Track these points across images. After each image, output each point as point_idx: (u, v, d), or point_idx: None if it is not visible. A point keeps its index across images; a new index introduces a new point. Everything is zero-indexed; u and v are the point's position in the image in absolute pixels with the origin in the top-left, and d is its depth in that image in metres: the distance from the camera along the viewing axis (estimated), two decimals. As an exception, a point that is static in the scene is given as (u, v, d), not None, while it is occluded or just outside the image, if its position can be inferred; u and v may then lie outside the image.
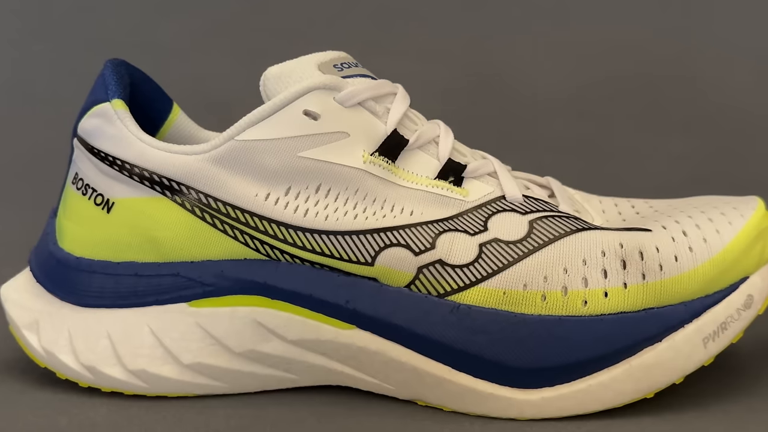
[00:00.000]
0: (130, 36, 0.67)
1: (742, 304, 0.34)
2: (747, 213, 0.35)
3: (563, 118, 0.66)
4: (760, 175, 0.63)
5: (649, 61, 0.68)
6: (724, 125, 0.66)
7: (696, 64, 0.67)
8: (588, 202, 0.38)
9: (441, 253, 0.33)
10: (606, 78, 0.67)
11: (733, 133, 0.65)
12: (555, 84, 0.67)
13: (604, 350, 0.32)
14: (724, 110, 0.66)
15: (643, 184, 0.62)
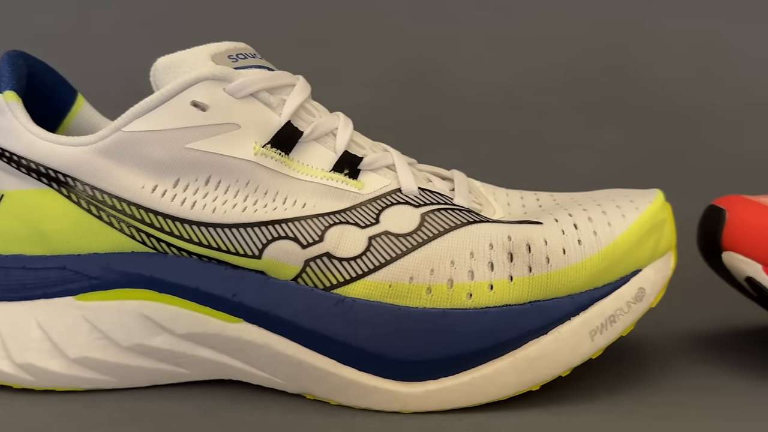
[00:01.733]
0: (57, 27, 0.66)
1: (632, 297, 0.34)
2: (642, 206, 0.35)
3: (499, 111, 0.67)
4: (692, 168, 0.63)
5: (585, 54, 0.68)
6: (659, 118, 0.66)
7: (632, 57, 0.68)
8: (494, 194, 0.38)
9: (329, 246, 0.33)
10: (542, 70, 0.67)
11: (667, 126, 0.66)
12: (491, 76, 0.67)
13: (488, 343, 0.32)
14: (660, 103, 0.67)
15: (577, 177, 0.62)
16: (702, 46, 0.67)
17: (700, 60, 0.67)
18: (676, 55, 0.67)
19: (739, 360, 0.37)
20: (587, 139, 0.65)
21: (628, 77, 0.67)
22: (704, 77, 0.67)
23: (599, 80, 0.67)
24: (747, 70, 0.67)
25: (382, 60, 0.66)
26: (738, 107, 0.66)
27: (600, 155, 0.63)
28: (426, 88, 0.66)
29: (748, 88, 0.66)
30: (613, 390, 0.34)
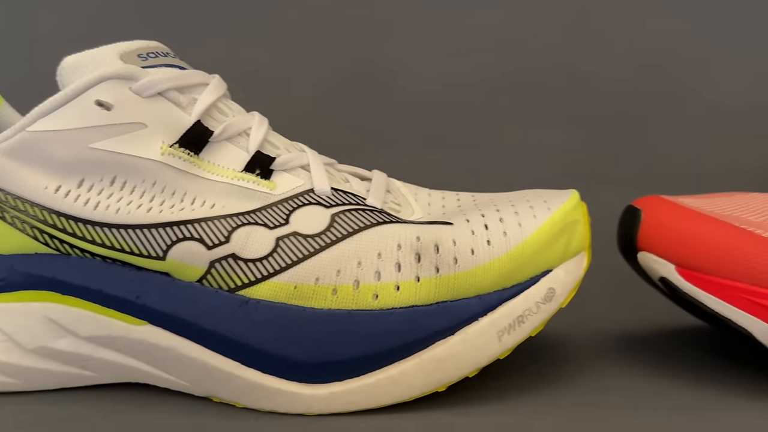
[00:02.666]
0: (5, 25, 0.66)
1: (542, 298, 0.34)
2: (554, 206, 0.35)
3: (442, 111, 0.66)
4: (632, 168, 0.64)
5: (529, 55, 0.68)
6: (601, 119, 0.66)
7: (576, 58, 0.68)
8: (416, 195, 0.38)
9: (235, 247, 0.32)
10: (486, 71, 0.67)
11: (609, 126, 0.66)
12: (435, 76, 0.67)
13: (393, 344, 0.32)
14: (602, 104, 0.67)
15: (520, 177, 0.62)
16: (644, 47, 0.68)
17: (641, 61, 0.67)
18: (619, 56, 0.67)
19: (658, 360, 0.37)
20: (530, 139, 0.65)
21: (572, 78, 0.67)
22: (646, 78, 0.67)
23: (543, 81, 0.67)
24: (687, 71, 0.67)
25: (325, 59, 0.66)
26: (678, 108, 0.66)
27: (543, 155, 0.64)
28: (369, 89, 0.66)
29: (688, 90, 0.67)
30: (525, 390, 0.34)
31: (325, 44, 0.67)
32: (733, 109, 0.65)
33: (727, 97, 0.66)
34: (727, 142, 0.63)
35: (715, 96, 0.66)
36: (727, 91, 0.66)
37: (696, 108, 0.66)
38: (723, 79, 0.66)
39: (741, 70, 0.66)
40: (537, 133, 0.65)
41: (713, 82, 0.66)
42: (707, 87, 0.66)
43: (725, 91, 0.66)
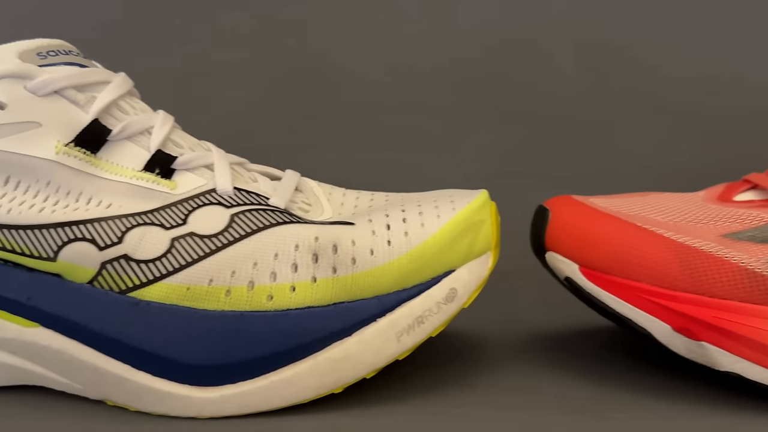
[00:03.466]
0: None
1: (443, 298, 0.33)
2: (459, 206, 0.35)
3: (381, 109, 0.66)
4: (571, 167, 0.64)
5: (470, 53, 0.68)
6: (541, 118, 0.66)
7: (517, 57, 0.68)
8: (330, 195, 0.38)
9: (128, 248, 0.32)
10: (426, 69, 0.67)
11: (549, 126, 0.66)
12: (375, 74, 0.67)
13: (287, 345, 0.31)
14: (543, 103, 0.67)
15: (459, 177, 0.62)
16: (586, 46, 0.68)
17: (583, 60, 0.68)
18: (555, 55, 0.67)
19: (567, 360, 0.37)
20: (466, 139, 0.65)
21: (508, 77, 0.67)
22: (587, 77, 0.67)
23: (479, 80, 0.67)
24: (622, 71, 0.67)
25: (265, 57, 0.65)
26: (619, 108, 0.66)
27: (478, 154, 0.63)
28: (309, 87, 0.66)
29: (630, 89, 0.67)
30: (427, 391, 0.34)
31: (264, 41, 0.66)
32: (667, 109, 0.65)
33: (661, 96, 0.66)
34: (659, 142, 0.64)
35: (649, 96, 0.66)
36: (661, 91, 0.66)
37: (630, 108, 0.66)
38: (657, 79, 0.66)
39: (674, 69, 0.66)
40: (473, 132, 0.65)
41: (648, 82, 0.66)
42: (642, 87, 0.66)
43: (659, 91, 0.66)
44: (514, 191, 0.60)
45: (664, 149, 0.64)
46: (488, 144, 0.65)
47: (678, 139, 0.64)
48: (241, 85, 0.66)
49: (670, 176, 0.62)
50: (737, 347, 0.32)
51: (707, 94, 0.65)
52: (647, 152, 0.63)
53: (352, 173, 0.64)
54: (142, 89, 0.40)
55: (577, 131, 0.66)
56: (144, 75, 0.63)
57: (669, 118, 0.65)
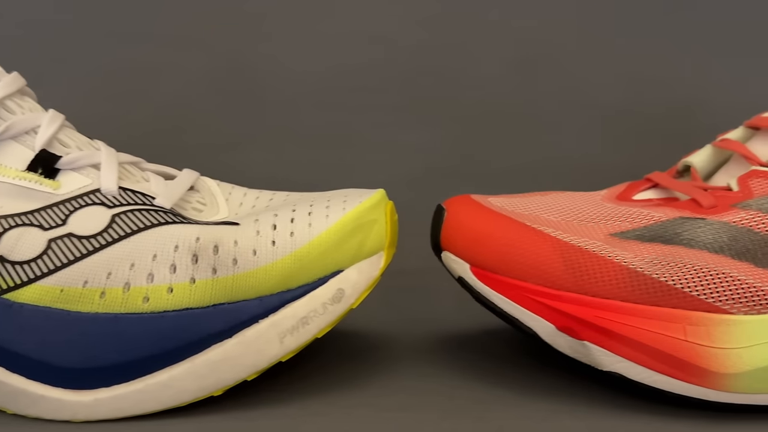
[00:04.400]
0: None
1: (329, 299, 0.33)
2: (350, 206, 0.35)
3: (312, 109, 0.66)
4: (495, 167, 0.64)
5: (400, 54, 0.68)
6: (472, 118, 0.66)
7: (447, 57, 0.68)
8: (229, 194, 0.37)
9: (3, 250, 0.31)
10: (356, 69, 0.67)
11: (480, 126, 0.66)
12: (305, 74, 0.66)
13: (164, 348, 0.31)
14: (473, 104, 0.67)
15: (387, 177, 0.61)
16: (513, 45, 0.68)
17: (511, 59, 0.68)
18: (487, 54, 0.67)
19: (461, 360, 0.37)
20: (397, 138, 0.64)
21: (440, 77, 0.67)
22: (517, 77, 0.67)
23: (412, 79, 0.67)
24: (555, 70, 0.67)
25: (194, 57, 0.65)
26: (546, 107, 0.67)
27: (409, 154, 0.63)
28: (239, 86, 0.65)
29: (556, 89, 0.67)
30: (315, 393, 0.34)
31: (194, 41, 0.66)
32: (593, 108, 0.66)
33: (594, 95, 0.66)
34: (584, 141, 0.64)
35: (582, 95, 0.66)
36: (593, 90, 0.66)
37: (557, 107, 0.67)
38: (590, 78, 0.67)
39: (608, 68, 0.67)
40: (404, 131, 0.65)
41: (581, 80, 0.67)
42: (569, 86, 0.67)
43: (592, 90, 0.66)
44: (441, 190, 0.60)
45: (589, 148, 0.64)
46: (416, 143, 0.64)
47: (604, 138, 0.64)
48: (168, 84, 0.65)
49: (594, 174, 0.62)
50: (618, 347, 0.32)
51: (634, 94, 0.66)
52: (573, 151, 0.63)
53: (278, 173, 0.64)
54: (67, 90, 0.39)
55: (505, 130, 0.66)
56: (69, 75, 0.63)
57: (595, 117, 0.65)
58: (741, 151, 0.36)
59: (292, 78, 0.67)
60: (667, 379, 0.31)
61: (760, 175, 0.34)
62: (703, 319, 0.31)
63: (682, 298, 0.31)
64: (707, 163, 0.38)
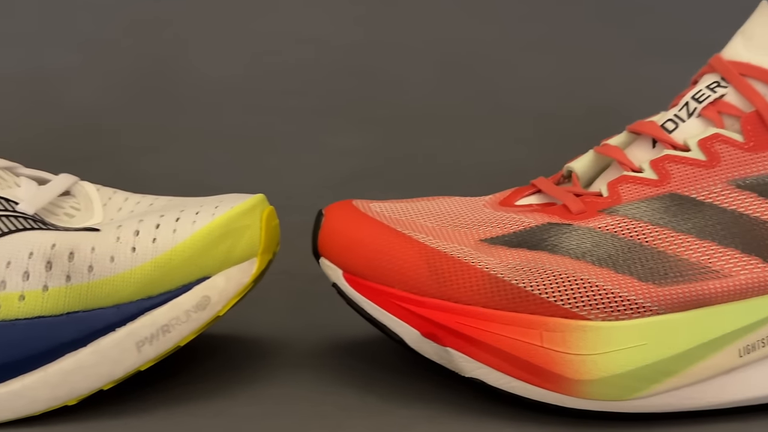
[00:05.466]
0: None
1: (193, 306, 0.33)
2: (220, 212, 0.34)
3: (236, 112, 0.65)
4: (425, 170, 0.63)
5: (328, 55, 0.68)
6: (399, 121, 0.66)
7: (376, 60, 0.67)
8: (110, 199, 0.36)
9: None
10: (283, 71, 0.66)
11: (407, 129, 0.66)
12: (230, 77, 0.66)
13: (15, 356, 0.30)
14: (401, 107, 0.66)
15: (314, 180, 0.61)
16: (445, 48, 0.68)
17: (442, 63, 0.68)
18: (418, 57, 0.67)
19: (356, 368, 0.37)
20: (324, 142, 0.64)
21: (370, 79, 0.67)
22: (443, 81, 0.67)
23: (340, 82, 0.67)
24: (487, 73, 0.67)
25: (120, 58, 0.64)
26: (475, 111, 0.66)
27: (336, 158, 0.63)
28: (164, 88, 0.65)
29: (486, 92, 0.67)
30: (179, 402, 0.33)
31: (118, 44, 0.65)
32: (523, 110, 0.65)
33: (518, 98, 0.66)
34: (514, 144, 0.64)
35: (506, 97, 0.66)
36: (518, 93, 0.66)
37: (489, 109, 0.66)
38: (523, 82, 0.67)
39: (532, 71, 0.67)
40: (331, 135, 0.65)
41: (505, 83, 0.67)
42: (499, 88, 0.67)
43: (517, 93, 0.66)
44: (366, 194, 0.59)
45: (513, 151, 0.64)
46: (345, 146, 0.64)
47: (527, 141, 0.64)
48: (84, 88, 0.64)
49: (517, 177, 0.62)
50: (478, 353, 0.31)
51: (556, 96, 0.66)
52: (497, 153, 0.63)
53: (201, 177, 0.63)
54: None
55: (431, 133, 0.66)
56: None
57: (520, 119, 0.65)
58: (616, 156, 0.36)
59: (216, 80, 0.67)
60: (524, 385, 0.31)
61: (630, 181, 0.34)
62: (559, 325, 0.31)
63: (540, 304, 0.31)
64: (589, 169, 0.38)
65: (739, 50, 0.35)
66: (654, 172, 0.34)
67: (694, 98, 0.35)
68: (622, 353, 0.30)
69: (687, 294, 0.31)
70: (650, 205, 0.33)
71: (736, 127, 0.34)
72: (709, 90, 0.35)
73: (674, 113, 0.36)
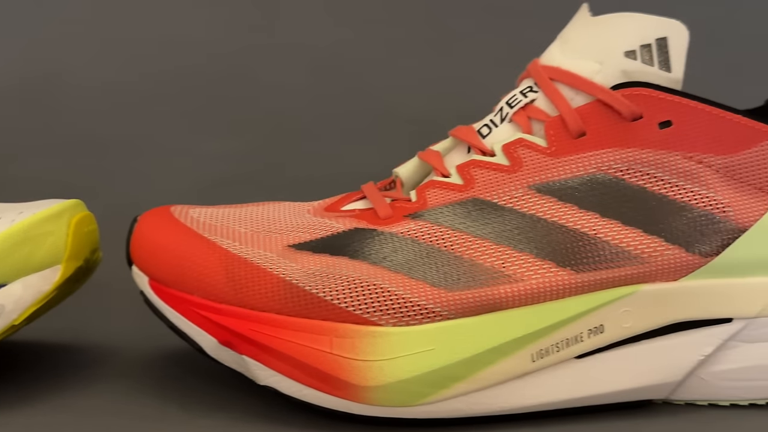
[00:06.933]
0: None
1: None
2: (21, 218, 0.33)
3: (102, 116, 0.64)
4: (296, 178, 0.63)
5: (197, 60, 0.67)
6: (269, 126, 0.65)
7: (244, 62, 0.67)
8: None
9: None
10: (151, 74, 0.65)
11: (277, 134, 0.65)
12: (97, 80, 0.65)
13: None
14: (271, 112, 0.66)
15: (180, 185, 0.60)
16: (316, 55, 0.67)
17: (313, 68, 0.67)
18: (288, 60, 0.67)
19: (172, 377, 0.36)
20: (192, 146, 0.63)
21: (244, 84, 0.66)
22: (317, 85, 0.67)
23: (214, 87, 0.66)
24: (360, 80, 0.67)
25: None
26: (349, 114, 0.66)
27: (204, 162, 0.62)
28: (29, 93, 0.63)
29: (361, 95, 0.67)
30: None
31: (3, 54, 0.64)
32: (398, 117, 0.65)
33: (394, 104, 0.66)
34: (389, 149, 0.63)
35: (381, 103, 0.66)
36: (393, 99, 0.66)
37: (367, 113, 0.66)
38: (394, 85, 0.66)
39: (407, 77, 0.67)
40: (201, 139, 0.64)
41: (380, 89, 0.66)
42: (374, 94, 0.66)
43: (392, 99, 0.66)
44: (238, 198, 0.59)
45: (387, 157, 0.63)
46: (216, 151, 0.63)
47: (401, 147, 0.64)
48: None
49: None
50: (271, 360, 0.31)
51: (430, 102, 0.66)
52: (371, 160, 0.63)
53: (70, 181, 0.62)
54: None
55: (307, 138, 0.65)
56: None
57: (395, 125, 0.65)
58: (431, 161, 0.35)
59: (86, 85, 0.65)
60: (315, 393, 0.30)
61: (437, 186, 0.33)
62: (349, 331, 0.30)
63: (332, 311, 0.31)
64: (414, 174, 0.37)
65: (555, 54, 0.35)
66: (460, 177, 0.33)
67: (507, 103, 0.35)
68: (409, 359, 0.30)
69: (478, 299, 0.31)
70: (453, 210, 0.33)
71: (543, 132, 0.34)
72: (522, 95, 0.35)
73: (490, 118, 0.36)
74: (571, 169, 0.32)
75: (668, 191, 0.32)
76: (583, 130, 0.33)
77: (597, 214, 0.32)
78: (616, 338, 0.32)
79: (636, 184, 0.32)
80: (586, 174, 0.32)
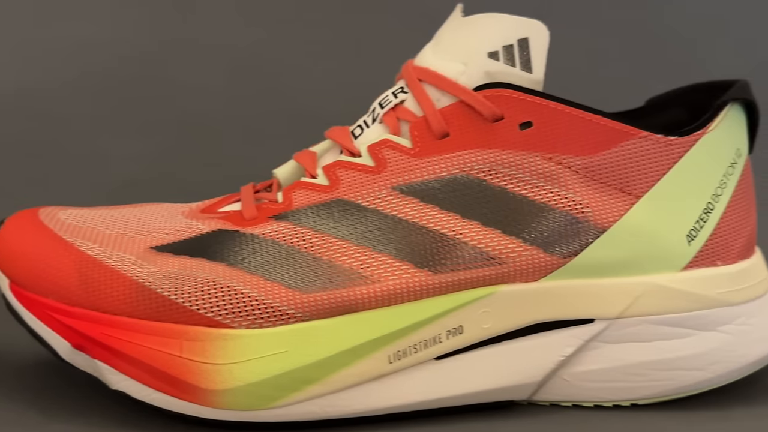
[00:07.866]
0: None
1: None
2: None
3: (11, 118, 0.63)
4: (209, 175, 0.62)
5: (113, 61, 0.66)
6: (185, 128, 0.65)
7: (158, 64, 0.66)
8: None
9: None
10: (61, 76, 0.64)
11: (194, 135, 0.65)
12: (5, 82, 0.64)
13: None
14: (188, 113, 0.65)
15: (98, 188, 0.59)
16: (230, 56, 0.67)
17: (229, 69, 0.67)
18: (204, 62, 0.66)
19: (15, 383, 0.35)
20: (101, 147, 0.62)
21: (151, 84, 0.65)
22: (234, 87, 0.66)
23: (125, 88, 0.65)
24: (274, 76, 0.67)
25: None
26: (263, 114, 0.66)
27: (113, 163, 0.61)
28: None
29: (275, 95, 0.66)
30: None
31: None
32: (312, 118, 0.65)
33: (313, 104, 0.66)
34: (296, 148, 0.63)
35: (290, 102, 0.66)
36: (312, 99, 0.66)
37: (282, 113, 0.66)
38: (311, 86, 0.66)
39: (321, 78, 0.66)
40: (109, 140, 0.63)
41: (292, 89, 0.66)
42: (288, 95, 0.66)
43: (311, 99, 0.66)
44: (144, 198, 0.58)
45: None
46: (125, 152, 0.62)
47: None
48: None
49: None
50: (122, 365, 0.30)
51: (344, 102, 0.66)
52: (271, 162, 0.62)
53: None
54: None
55: (221, 138, 0.65)
56: None
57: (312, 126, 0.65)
58: (303, 162, 0.35)
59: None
60: (164, 397, 0.30)
61: (303, 187, 0.33)
62: (200, 334, 0.30)
63: (183, 313, 0.30)
64: (291, 175, 0.37)
65: (427, 55, 0.35)
66: (326, 177, 0.33)
67: (380, 104, 0.35)
68: (260, 361, 0.30)
69: (333, 300, 0.31)
70: (317, 211, 0.32)
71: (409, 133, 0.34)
72: (393, 95, 0.35)
73: (364, 119, 0.36)
74: (434, 170, 0.32)
75: (528, 192, 0.32)
76: (446, 131, 0.32)
77: (458, 215, 0.32)
78: (476, 339, 0.31)
79: (497, 185, 0.32)
80: (448, 175, 0.32)
